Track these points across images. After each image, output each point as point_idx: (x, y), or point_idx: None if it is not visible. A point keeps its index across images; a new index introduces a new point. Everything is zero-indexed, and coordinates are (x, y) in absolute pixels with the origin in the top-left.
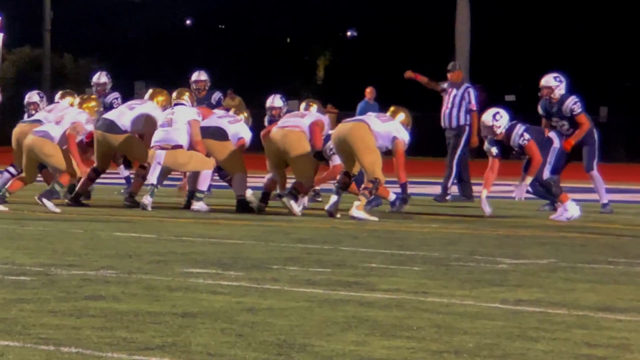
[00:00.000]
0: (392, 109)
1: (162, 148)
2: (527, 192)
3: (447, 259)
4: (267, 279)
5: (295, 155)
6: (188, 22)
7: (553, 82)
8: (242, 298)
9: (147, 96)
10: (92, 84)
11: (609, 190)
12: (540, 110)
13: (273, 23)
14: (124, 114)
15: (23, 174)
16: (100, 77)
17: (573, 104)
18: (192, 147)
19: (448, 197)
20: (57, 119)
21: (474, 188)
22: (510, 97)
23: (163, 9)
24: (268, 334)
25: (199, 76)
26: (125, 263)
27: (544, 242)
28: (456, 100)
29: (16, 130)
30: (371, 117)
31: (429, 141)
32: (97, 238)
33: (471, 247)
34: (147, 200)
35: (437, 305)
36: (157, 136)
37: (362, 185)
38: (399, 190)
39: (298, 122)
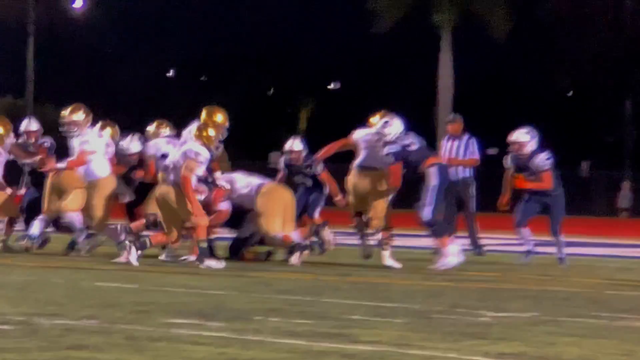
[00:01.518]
0: None
1: None
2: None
3: (429, 312)
4: (249, 330)
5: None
6: (170, 73)
7: (523, 138)
8: (224, 349)
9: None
10: (22, 131)
11: (589, 244)
12: (508, 163)
13: (255, 74)
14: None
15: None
16: (31, 124)
17: (544, 159)
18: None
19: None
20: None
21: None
22: (492, 151)
23: (146, 59)
24: None
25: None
26: (107, 313)
27: (526, 296)
28: (460, 151)
29: None
30: None
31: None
32: (79, 288)
33: (453, 300)
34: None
35: (420, 358)
36: None
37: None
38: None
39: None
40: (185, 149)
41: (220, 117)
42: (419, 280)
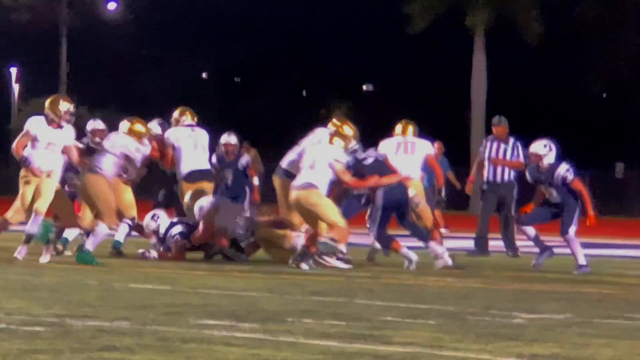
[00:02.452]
0: None
1: None
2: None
3: (462, 313)
4: (282, 332)
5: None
6: (204, 75)
7: (542, 150)
8: (257, 350)
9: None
10: (88, 131)
11: (624, 246)
12: (528, 176)
13: (289, 76)
14: None
15: None
16: (97, 123)
17: (565, 171)
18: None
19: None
20: None
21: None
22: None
23: (179, 61)
24: None
25: (229, 139)
26: (139, 314)
27: (560, 297)
28: (507, 154)
29: None
30: None
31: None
32: (112, 289)
33: (487, 302)
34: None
35: (453, 359)
36: None
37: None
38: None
39: None
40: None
41: None
42: (452, 281)
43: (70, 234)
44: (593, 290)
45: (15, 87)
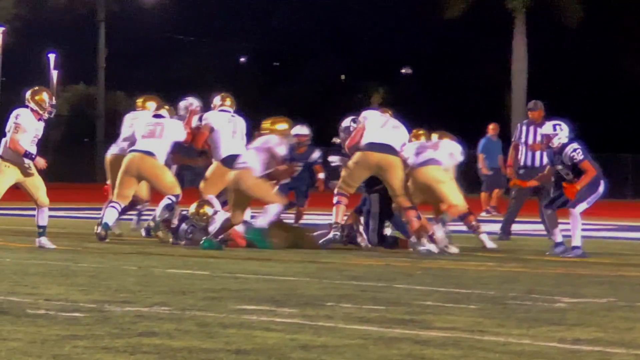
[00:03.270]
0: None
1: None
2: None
3: (503, 298)
4: (321, 316)
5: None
6: (242, 59)
7: (551, 131)
8: (296, 335)
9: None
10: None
11: None
12: (546, 157)
13: (327, 61)
14: None
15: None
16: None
17: (572, 151)
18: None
19: None
20: None
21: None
22: None
23: (217, 46)
24: None
25: (301, 130)
26: (178, 300)
27: (603, 281)
28: (544, 139)
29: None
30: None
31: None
32: (151, 275)
33: (528, 286)
34: None
35: (494, 344)
36: None
37: None
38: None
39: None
40: None
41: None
42: (492, 265)
43: (110, 218)
44: (636, 274)
45: (54, 73)
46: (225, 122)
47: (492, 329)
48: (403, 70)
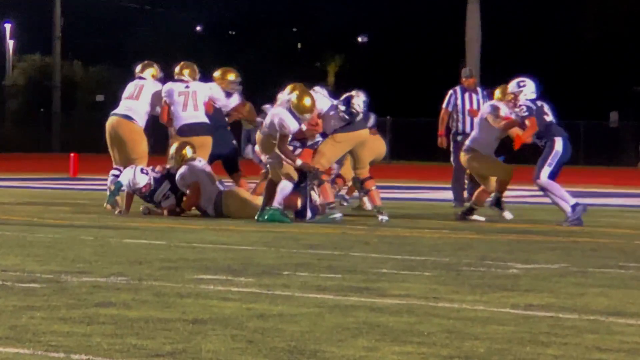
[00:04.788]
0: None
1: None
2: None
3: (457, 264)
4: (278, 285)
5: None
6: (198, 28)
7: (516, 88)
8: (253, 304)
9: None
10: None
11: (618, 195)
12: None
13: (283, 30)
14: None
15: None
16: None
17: (518, 108)
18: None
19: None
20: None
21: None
22: None
23: (173, 15)
24: (279, 340)
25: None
26: (135, 270)
27: (555, 247)
28: (480, 104)
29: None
30: None
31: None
32: (108, 245)
33: (482, 252)
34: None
35: (448, 310)
36: None
37: None
38: None
39: None
40: None
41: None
42: (447, 233)
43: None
44: (588, 239)
45: (10, 43)
46: (176, 93)
47: (447, 296)
48: (360, 39)
